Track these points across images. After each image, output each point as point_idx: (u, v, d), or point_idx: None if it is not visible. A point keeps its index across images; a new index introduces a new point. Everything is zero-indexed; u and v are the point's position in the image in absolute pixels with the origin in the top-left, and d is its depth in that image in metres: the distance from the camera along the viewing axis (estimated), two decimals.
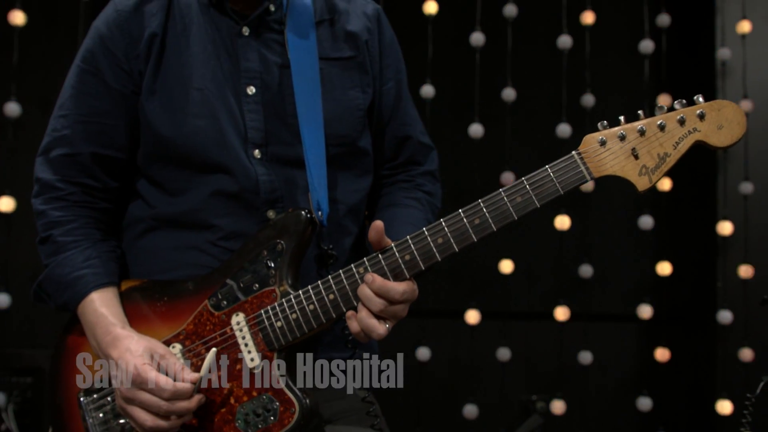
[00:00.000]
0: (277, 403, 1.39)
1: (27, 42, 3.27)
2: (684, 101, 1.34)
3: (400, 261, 1.37)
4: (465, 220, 1.36)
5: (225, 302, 1.45)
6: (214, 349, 1.41)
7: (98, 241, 1.55)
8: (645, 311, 3.40)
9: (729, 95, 3.42)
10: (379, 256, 1.39)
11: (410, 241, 1.38)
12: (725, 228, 3.36)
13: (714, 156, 3.50)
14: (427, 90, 3.32)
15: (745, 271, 3.35)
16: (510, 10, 3.36)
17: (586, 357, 3.41)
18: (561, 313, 3.40)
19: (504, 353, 3.38)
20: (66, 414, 1.54)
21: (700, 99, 1.33)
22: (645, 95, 3.49)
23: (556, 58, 3.45)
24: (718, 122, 1.31)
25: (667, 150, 1.33)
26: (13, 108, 3.13)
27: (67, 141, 1.54)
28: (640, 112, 1.36)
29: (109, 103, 1.53)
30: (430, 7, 3.35)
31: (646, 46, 3.43)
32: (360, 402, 1.55)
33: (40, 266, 1.56)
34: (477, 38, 3.32)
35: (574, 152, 1.35)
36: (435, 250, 1.37)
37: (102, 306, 1.48)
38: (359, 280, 1.38)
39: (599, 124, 1.36)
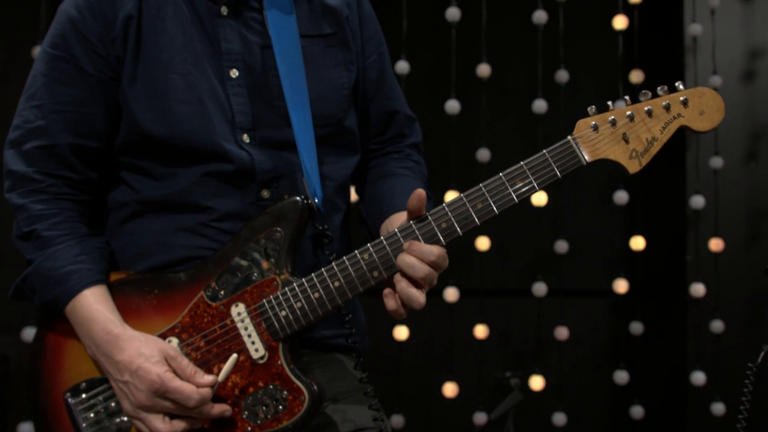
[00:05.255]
0: (285, 392, 1.36)
1: None
2: (665, 87, 1.40)
3: (437, 229, 1.36)
4: (468, 204, 1.36)
5: (222, 293, 1.40)
6: (234, 355, 1.36)
7: (86, 237, 1.47)
8: (620, 286, 3.43)
9: (699, 71, 3.44)
10: (384, 241, 1.37)
11: (414, 226, 1.36)
12: (697, 202, 3.40)
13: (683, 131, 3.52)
14: (402, 66, 3.26)
15: (716, 244, 3.40)
16: None
17: (562, 332, 3.44)
18: (537, 290, 3.40)
19: (482, 330, 3.38)
20: (51, 414, 1.47)
21: (681, 86, 1.40)
22: (618, 71, 3.49)
23: (531, 33, 3.43)
24: (700, 108, 1.39)
25: (654, 134, 1.39)
26: None
27: (43, 132, 1.45)
28: (626, 97, 1.41)
29: (86, 91, 1.45)
30: None
31: (620, 22, 3.43)
32: (357, 383, 1.54)
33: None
34: (453, 13, 3.27)
35: (569, 137, 1.39)
36: (439, 234, 1.35)
37: (97, 302, 1.40)
38: (364, 267, 1.35)
39: (588, 108, 1.41)
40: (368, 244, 1.36)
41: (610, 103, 1.40)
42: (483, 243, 3.38)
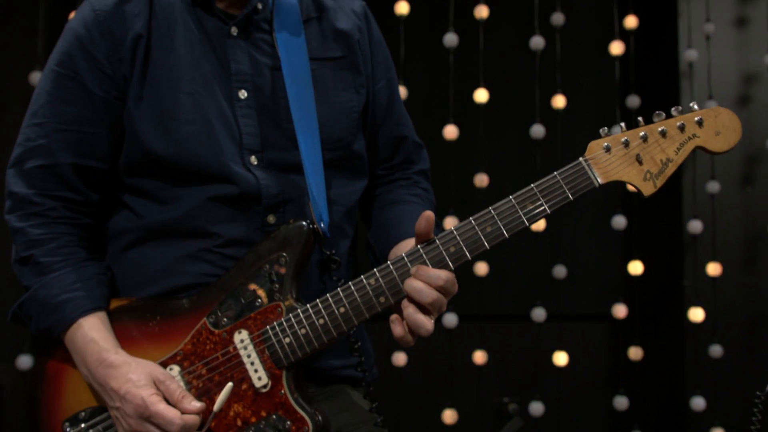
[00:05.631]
0: (289, 422, 1.33)
1: None
2: (680, 108, 1.37)
3: (445, 253, 1.32)
4: (477, 228, 1.33)
5: (225, 319, 1.38)
6: (230, 384, 1.34)
7: (85, 262, 1.45)
8: (618, 310, 3.42)
9: (695, 96, 3.46)
10: (391, 266, 1.34)
11: (422, 251, 1.34)
12: (695, 227, 3.40)
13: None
14: (400, 91, 3.25)
15: (714, 269, 3.40)
16: (481, 11, 3.34)
17: (560, 358, 3.41)
18: (536, 315, 3.39)
19: (481, 356, 3.35)
20: None
21: (695, 106, 1.37)
22: (615, 96, 3.51)
23: (528, 59, 3.44)
24: (716, 128, 1.35)
25: (669, 155, 1.35)
26: None
27: (45, 151, 1.43)
28: (639, 118, 1.37)
29: (90, 110, 1.43)
30: (402, 8, 3.30)
31: (616, 47, 3.45)
32: (364, 414, 1.51)
33: None
34: (450, 39, 3.28)
35: (581, 158, 1.35)
36: (447, 258, 1.32)
37: (92, 330, 1.38)
38: (370, 292, 1.33)
39: (601, 130, 1.37)
40: (374, 269, 1.34)
41: (622, 124, 1.37)
42: (481, 268, 3.37)
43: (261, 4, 1.50)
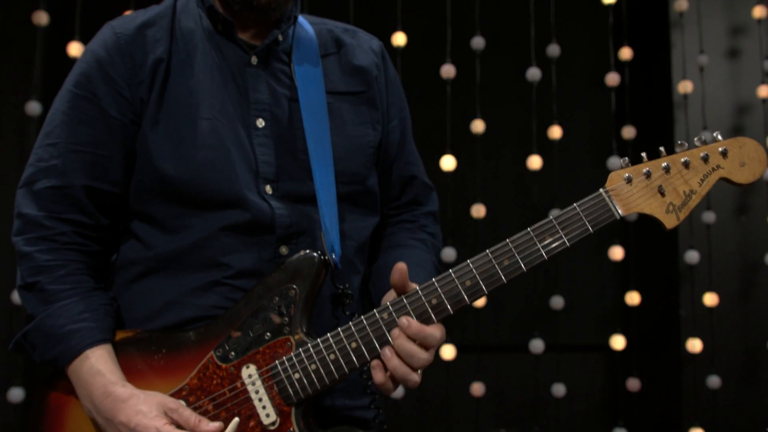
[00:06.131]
0: None
1: None
2: (703, 138, 1.33)
3: (427, 305, 1.30)
4: (493, 261, 1.31)
5: (233, 353, 1.35)
6: (236, 419, 1.30)
7: (93, 291, 1.41)
8: (616, 341, 3.40)
9: (690, 127, 3.48)
10: (404, 300, 1.31)
11: (436, 284, 1.31)
12: (692, 257, 3.40)
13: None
14: None
15: (711, 299, 3.40)
16: (478, 42, 3.36)
17: (558, 389, 3.38)
18: (534, 346, 3.36)
19: (478, 388, 3.32)
20: None
21: (719, 137, 1.33)
22: (611, 127, 3.53)
23: (525, 90, 3.46)
24: (741, 159, 1.32)
25: (692, 187, 1.32)
26: None
27: (57, 172, 1.40)
28: (661, 149, 1.34)
29: (106, 132, 1.41)
30: (399, 39, 3.32)
31: (612, 78, 3.48)
32: None
33: None
34: (447, 70, 3.30)
35: (601, 189, 1.33)
36: (463, 292, 1.30)
37: (98, 362, 1.34)
38: (383, 327, 1.31)
39: (621, 161, 1.35)
40: (387, 303, 1.31)
41: (644, 154, 1.33)
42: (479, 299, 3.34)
43: (282, 36, 1.50)
